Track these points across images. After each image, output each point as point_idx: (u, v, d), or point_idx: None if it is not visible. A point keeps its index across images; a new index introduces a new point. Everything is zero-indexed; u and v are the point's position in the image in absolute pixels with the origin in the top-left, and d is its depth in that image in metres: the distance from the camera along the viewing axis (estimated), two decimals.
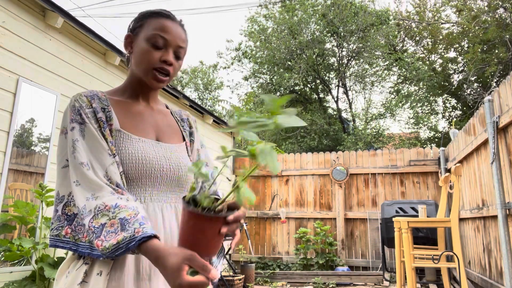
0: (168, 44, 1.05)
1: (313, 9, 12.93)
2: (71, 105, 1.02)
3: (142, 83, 1.09)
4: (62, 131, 1.02)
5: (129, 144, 1.02)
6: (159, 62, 1.04)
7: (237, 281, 4.79)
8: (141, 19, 1.10)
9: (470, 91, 12.87)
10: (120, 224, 0.85)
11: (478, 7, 12.37)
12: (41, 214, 2.87)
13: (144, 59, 1.04)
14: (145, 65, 1.04)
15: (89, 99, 1.03)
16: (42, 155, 3.19)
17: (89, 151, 0.96)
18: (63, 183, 0.99)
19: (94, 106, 1.02)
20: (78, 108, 1.01)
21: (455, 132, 5.36)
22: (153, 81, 1.06)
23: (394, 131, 17.37)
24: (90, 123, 0.99)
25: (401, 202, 5.12)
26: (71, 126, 0.99)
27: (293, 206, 6.75)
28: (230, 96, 42.15)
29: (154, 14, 1.09)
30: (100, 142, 0.97)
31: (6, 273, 2.77)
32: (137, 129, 1.07)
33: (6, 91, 2.86)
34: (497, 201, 3.15)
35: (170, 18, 1.09)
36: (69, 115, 1.01)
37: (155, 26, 1.06)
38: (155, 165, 1.03)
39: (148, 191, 1.02)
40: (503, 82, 3.13)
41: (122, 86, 1.14)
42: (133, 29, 1.11)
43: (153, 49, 1.04)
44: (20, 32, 2.99)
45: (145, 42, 1.05)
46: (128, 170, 0.99)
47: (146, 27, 1.07)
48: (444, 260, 4.16)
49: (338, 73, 13.25)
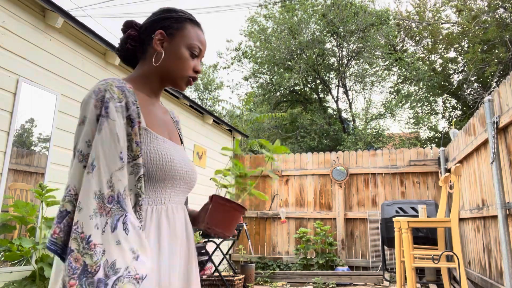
0: (201, 54, 1.12)
1: (313, 9, 12.93)
2: (99, 95, 0.92)
3: (166, 82, 1.10)
4: (82, 121, 0.91)
5: (156, 144, 0.99)
6: (193, 72, 1.10)
7: (237, 281, 4.79)
8: (178, 21, 1.09)
9: (470, 91, 12.87)
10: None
11: (478, 7, 12.37)
12: (41, 214, 2.87)
13: (181, 65, 1.07)
14: (181, 71, 1.08)
15: (120, 91, 0.95)
16: (42, 155, 3.19)
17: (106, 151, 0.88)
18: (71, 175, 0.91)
19: (125, 100, 0.94)
20: (108, 100, 0.91)
21: (455, 132, 5.36)
22: (184, 86, 1.11)
23: (394, 131, 17.38)
24: (114, 119, 0.90)
25: (401, 202, 5.12)
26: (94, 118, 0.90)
27: (293, 206, 6.76)
28: (230, 96, 42.17)
29: (191, 20, 1.12)
30: (116, 142, 0.89)
31: (6, 273, 2.77)
32: (158, 128, 1.05)
33: (6, 91, 2.86)
34: (497, 201, 3.15)
35: (202, 30, 1.15)
36: (96, 105, 0.91)
37: (195, 36, 1.10)
38: (178, 167, 1.02)
39: (167, 193, 1.02)
40: (503, 82, 3.13)
41: (140, 78, 1.08)
42: (166, 28, 1.08)
43: (191, 58, 1.09)
44: (20, 32, 2.99)
45: (185, 49, 1.08)
46: (156, 171, 0.97)
47: (186, 34, 1.09)
48: (444, 260, 4.16)
49: (338, 73, 13.25)
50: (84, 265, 0.78)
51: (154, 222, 0.96)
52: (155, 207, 0.98)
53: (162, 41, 1.07)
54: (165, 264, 0.96)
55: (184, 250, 1.05)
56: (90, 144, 0.88)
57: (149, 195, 0.97)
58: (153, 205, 0.98)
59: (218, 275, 4.62)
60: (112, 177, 0.87)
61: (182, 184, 1.06)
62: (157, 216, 0.98)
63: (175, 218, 1.02)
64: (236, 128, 7.23)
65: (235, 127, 7.28)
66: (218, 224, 1.01)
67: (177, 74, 1.08)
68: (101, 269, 0.79)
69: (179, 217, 1.04)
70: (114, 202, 0.86)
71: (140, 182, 0.93)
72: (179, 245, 1.02)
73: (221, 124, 6.64)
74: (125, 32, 1.11)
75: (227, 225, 1.02)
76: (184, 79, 1.09)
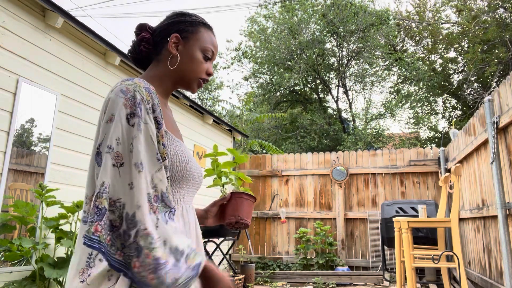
0: (213, 58, 1.15)
1: (313, 9, 12.93)
2: (128, 94, 0.91)
3: (179, 84, 1.12)
4: (110, 119, 0.89)
5: (175, 146, 1.00)
6: (206, 75, 1.13)
7: (237, 281, 4.79)
8: (192, 25, 1.12)
9: (470, 91, 12.88)
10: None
11: (478, 7, 12.37)
12: (41, 214, 2.87)
13: (195, 68, 1.10)
14: (195, 74, 1.11)
15: (148, 93, 0.94)
16: (42, 155, 3.19)
17: (145, 152, 0.89)
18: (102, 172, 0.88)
19: (152, 102, 0.94)
20: (140, 101, 0.91)
21: (455, 132, 5.36)
22: (196, 88, 1.14)
23: (394, 131, 17.38)
24: (147, 122, 0.91)
25: (401, 202, 5.12)
26: (132, 122, 0.89)
27: (293, 206, 6.76)
28: (230, 96, 42.16)
29: (204, 25, 1.15)
30: (153, 145, 0.91)
31: (6, 273, 2.77)
32: (174, 130, 1.07)
33: (6, 91, 2.86)
34: (497, 201, 3.15)
35: (214, 35, 1.18)
36: (126, 105, 0.90)
37: (208, 39, 1.14)
38: (193, 169, 1.05)
39: (181, 193, 1.04)
40: (503, 82, 3.13)
41: (154, 80, 1.09)
42: (181, 31, 1.10)
43: (204, 61, 1.12)
44: (20, 32, 2.99)
45: (200, 53, 1.11)
46: (176, 173, 0.98)
47: (200, 37, 1.12)
48: (444, 260, 4.17)
49: (338, 73, 13.25)
50: (156, 259, 0.83)
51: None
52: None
53: (177, 44, 1.10)
54: None
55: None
56: (119, 142, 0.87)
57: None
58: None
59: None
60: (153, 178, 0.90)
61: (194, 185, 1.09)
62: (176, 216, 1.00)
63: (190, 218, 1.04)
64: (236, 128, 7.23)
65: (235, 127, 7.28)
66: (248, 216, 1.16)
67: (191, 76, 1.11)
68: (170, 256, 0.85)
69: (192, 216, 1.07)
70: (159, 201, 0.90)
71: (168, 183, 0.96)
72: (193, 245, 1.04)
73: (221, 124, 6.64)
74: (139, 34, 1.12)
75: (250, 215, 1.18)
76: (197, 82, 1.12)
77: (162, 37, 1.11)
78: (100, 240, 0.83)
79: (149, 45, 1.12)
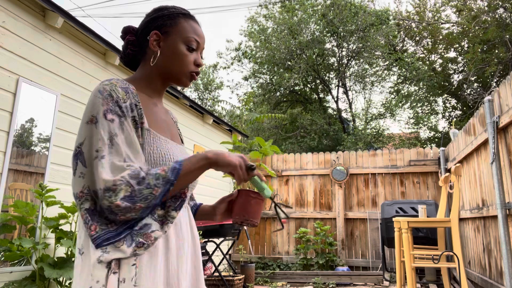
0: (200, 47, 1.11)
1: (313, 9, 12.93)
2: (105, 93, 0.93)
3: (169, 80, 1.10)
4: (91, 120, 0.91)
5: (159, 144, 0.99)
6: (195, 66, 1.09)
7: (237, 281, 4.79)
8: (171, 18, 1.09)
9: (470, 91, 12.87)
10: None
11: (478, 7, 12.37)
12: (41, 214, 2.87)
13: (181, 61, 1.07)
14: (181, 67, 1.07)
15: (124, 92, 0.96)
16: (42, 155, 3.19)
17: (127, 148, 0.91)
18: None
19: (129, 101, 0.96)
20: (117, 99, 0.93)
21: (455, 132, 5.36)
22: (188, 81, 1.10)
23: (394, 131, 17.38)
24: (128, 118, 0.94)
25: (401, 202, 5.12)
26: (109, 117, 0.91)
27: (293, 206, 6.76)
28: (230, 96, 42.17)
29: (183, 15, 1.10)
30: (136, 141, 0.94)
31: (6, 273, 2.77)
32: (160, 128, 1.06)
33: (6, 91, 2.86)
34: (497, 201, 3.15)
35: (197, 22, 1.13)
36: (104, 104, 0.92)
37: (190, 29, 1.09)
38: None
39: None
40: (503, 82, 3.13)
41: (142, 80, 1.09)
42: (160, 27, 1.08)
43: (189, 52, 1.08)
44: (20, 32, 2.99)
45: (183, 45, 1.07)
46: None
47: (181, 29, 1.08)
48: (444, 260, 4.16)
49: (338, 73, 13.25)
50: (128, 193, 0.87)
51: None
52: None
53: (158, 41, 1.08)
54: (173, 263, 0.96)
55: (190, 250, 1.05)
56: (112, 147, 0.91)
57: None
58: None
59: (218, 275, 4.62)
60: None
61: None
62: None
63: (180, 218, 1.02)
64: (236, 128, 7.23)
65: (235, 127, 7.28)
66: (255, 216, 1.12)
67: (178, 71, 1.08)
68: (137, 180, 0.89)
69: (184, 216, 1.05)
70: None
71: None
72: (186, 245, 1.02)
73: (221, 124, 6.64)
74: (124, 38, 1.12)
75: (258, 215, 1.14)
76: (186, 75, 1.09)
77: (143, 36, 1.10)
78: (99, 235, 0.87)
79: (135, 47, 1.11)
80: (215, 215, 1.18)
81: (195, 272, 1.05)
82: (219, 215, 1.17)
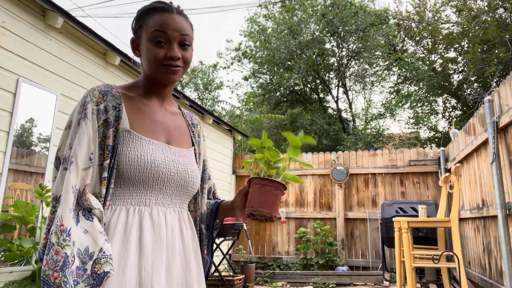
0: (170, 38, 1.03)
1: (313, 9, 12.93)
2: (82, 100, 0.99)
3: (156, 82, 1.09)
4: (68, 126, 1.00)
5: (138, 145, 0.99)
6: (166, 59, 1.03)
7: (237, 281, 4.79)
8: (138, 20, 1.09)
9: (470, 91, 12.87)
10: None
11: (478, 7, 12.37)
12: (41, 214, 2.87)
13: (151, 59, 1.03)
14: (153, 64, 1.04)
15: (101, 95, 1.00)
16: (42, 155, 3.19)
17: (80, 151, 0.93)
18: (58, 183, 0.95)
19: (104, 104, 0.99)
20: (88, 102, 0.98)
21: (455, 132, 5.36)
22: (167, 75, 1.05)
23: (394, 131, 17.37)
24: (91, 119, 0.96)
25: (401, 202, 5.12)
26: (78, 121, 0.96)
27: (293, 206, 6.76)
28: (230, 96, 42.18)
29: (150, 10, 1.07)
30: (89, 142, 0.95)
31: (6, 273, 2.77)
32: (147, 130, 1.04)
33: (6, 91, 2.86)
34: (497, 201, 3.15)
35: (166, 10, 1.06)
36: (78, 109, 0.98)
37: (153, 23, 1.04)
38: (162, 168, 1.01)
39: (154, 194, 1.01)
40: (503, 82, 3.13)
41: (138, 82, 1.12)
42: (135, 32, 1.10)
43: (157, 47, 1.02)
44: (20, 32, 2.99)
45: (148, 43, 1.03)
46: (134, 173, 0.97)
47: (145, 27, 1.06)
48: (444, 260, 4.17)
49: (338, 73, 13.25)
50: (66, 257, 0.83)
51: (136, 223, 0.97)
52: (138, 208, 0.99)
53: (137, 47, 1.09)
54: (147, 265, 0.94)
55: (178, 255, 1.02)
56: (71, 147, 0.94)
57: (132, 196, 0.99)
58: (136, 206, 0.99)
59: (218, 275, 4.62)
60: (80, 175, 0.93)
61: (172, 187, 1.04)
62: (139, 217, 0.98)
63: (160, 220, 1.00)
64: (236, 128, 7.23)
65: (235, 127, 7.28)
66: (264, 206, 1.01)
67: (152, 69, 1.05)
68: (76, 257, 0.85)
69: (171, 220, 1.03)
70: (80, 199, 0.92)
71: (101, 185, 0.96)
72: (167, 248, 0.99)
73: (221, 124, 6.64)
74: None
75: (272, 205, 1.01)
76: (160, 70, 1.04)
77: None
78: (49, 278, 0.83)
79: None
80: (235, 210, 1.14)
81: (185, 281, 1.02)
82: (238, 209, 1.13)
